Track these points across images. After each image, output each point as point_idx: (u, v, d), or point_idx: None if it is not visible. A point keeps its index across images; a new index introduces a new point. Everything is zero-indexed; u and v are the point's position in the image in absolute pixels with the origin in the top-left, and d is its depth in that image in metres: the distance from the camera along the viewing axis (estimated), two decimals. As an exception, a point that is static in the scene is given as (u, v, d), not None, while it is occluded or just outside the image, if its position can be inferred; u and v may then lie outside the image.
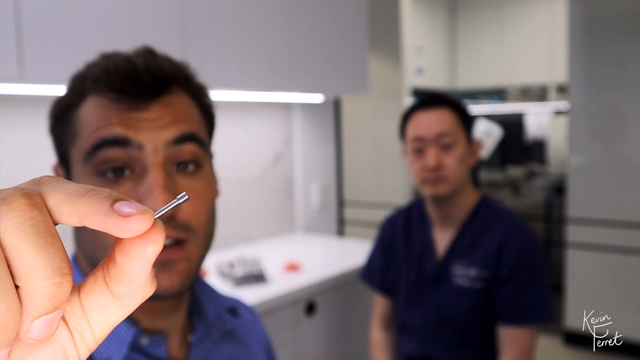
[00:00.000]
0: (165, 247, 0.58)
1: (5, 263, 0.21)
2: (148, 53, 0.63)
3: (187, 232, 0.61)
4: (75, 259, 0.68)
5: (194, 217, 0.61)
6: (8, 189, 0.23)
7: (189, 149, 0.61)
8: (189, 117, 0.63)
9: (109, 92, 0.60)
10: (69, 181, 0.24)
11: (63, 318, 0.24)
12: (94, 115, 0.60)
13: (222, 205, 2.25)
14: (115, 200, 0.23)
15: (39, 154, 1.64)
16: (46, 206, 0.23)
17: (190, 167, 0.62)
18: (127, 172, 0.59)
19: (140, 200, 0.58)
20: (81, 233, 0.63)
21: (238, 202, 2.28)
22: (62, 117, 0.63)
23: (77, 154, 0.61)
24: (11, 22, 1.21)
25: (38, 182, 0.24)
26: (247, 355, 0.76)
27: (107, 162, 0.58)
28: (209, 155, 0.67)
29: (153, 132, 0.59)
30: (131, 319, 0.63)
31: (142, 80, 0.60)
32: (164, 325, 0.66)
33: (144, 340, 0.63)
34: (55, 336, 0.24)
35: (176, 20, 1.54)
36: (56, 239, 0.22)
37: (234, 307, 0.78)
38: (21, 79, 1.23)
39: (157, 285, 0.64)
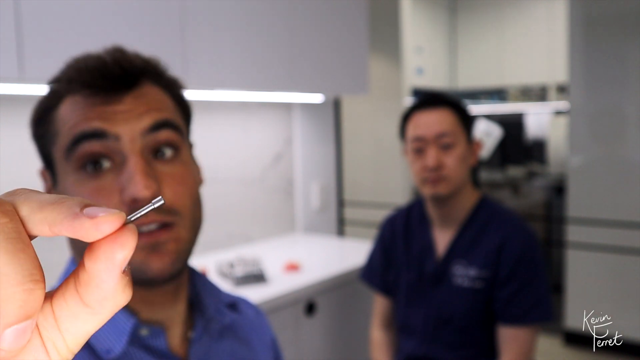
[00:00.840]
0: (152, 230, 0.60)
1: None
2: (117, 50, 0.66)
3: (173, 215, 0.62)
4: (74, 261, 0.69)
5: (177, 201, 0.62)
6: None
7: (165, 135, 0.63)
8: (162, 105, 0.65)
9: (82, 89, 0.62)
10: (43, 192, 0.23)
11: (36, 327, 0.23)
12: (70, 113, 0.62)
13: (222, 205, 2.26)
14: (86, 206, 0.22)
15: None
16: (19, 216, 0.22)
17: (168, 153, 0.63)
18: (106, 164, 0.61)
19: (122, 189, 0.59)
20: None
21: (238, 202, 2.28)
22: (42, 120, 0.65)
23: (58, 152, 0.63)
24: (11, 22, 1.21)
25: (12, 193, 0.23)
26: (248, 352, 0.76)
27: (86, 156, 0.60)
28: (187, 142, 0.68)
29: (128, 123, 0.61)
30: (130, 310, 0.64)
31: (112, 74, 0.62)
32: (163, 316, 0.66)
33: (144, 332, 0.64)
34: (27, 346, 0.23)
35: (176, 20, 1.54)
36: (28, 246, 0.22)
37: (234, 303, 0.79)
38: (21, 79, 1.23)
39: (148, 270, 0.63)
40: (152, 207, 0.25)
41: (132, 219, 0.24)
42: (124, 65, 0.63)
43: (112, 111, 0.61)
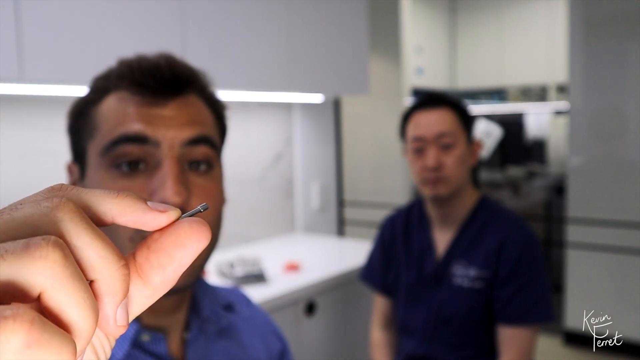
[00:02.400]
0: None
1: (76, 264, 0.22)
2: (170, 56, 0.66)
3: None
4: None
5: (203, 215, 0.62)
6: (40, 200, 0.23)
7: (202, 150, 0.63)
8: (204, 119, 0.65)
9: (131, 87, 0.62)
10: (88, 189, 0.25)
11: None
12: (114, 111, 0.62)
13: (222, 205, 2.26)
14: (144, 201, 0.25)
15: (40, 155, 1.64)
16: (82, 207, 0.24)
17: (203, 167, 0.64)
18: (141, 166, 0.61)
19: (152, 192, 0.60)
20: None
21: (238, 202, 2.28)
22: (82, 113, 0.66)
23: (94, 147, 0.63)
24: (11, 23, 1.21)
25: (59, 189, 0.24)
26: (242, 353, 0.76)
27: (123, 156, 0.61)
28: (220, 160, 0.69)
29: (170, 131, 0.61)
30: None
31: (163, 77, 0.62)
32: (166, 323, 0.67)
33: (145, 337, 0.64)
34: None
35: (176, 20, 1.54)
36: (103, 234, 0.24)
37: (230, 304, 0.79)
38: (21, 79, 1.23)
39: None
40: (198, 211, 0.28)
41: (184, 217, 0.27)
42: (177, 71, 0.63)
43: (156, 115, 0.61)
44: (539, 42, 4.85)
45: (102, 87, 0.65)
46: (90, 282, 0.22)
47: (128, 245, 0.60)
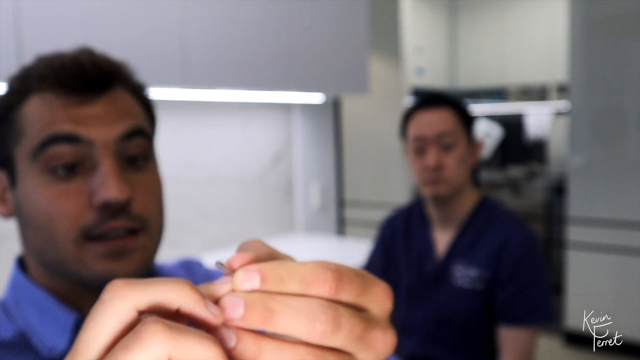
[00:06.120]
0: (120, 237, 0.59)
1: None
2: (90, 51, 0.64)
3: (141, 222, 0.61)
4: (21, 261, 0.67)
5: (146, 209, 0.62)
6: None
7: (138, 143, 0.62)
8: (135, 111, 0.64)
9: (55, 88, 0.60)
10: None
11: None
12: (40, 113, 0.59)
13: (222, 205, 2.25)
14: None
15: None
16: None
17: (140, 162, 0.63)
18: (77, 168, 0.59)
19: (92, 193, 0.58)
20: (27, 231, 0.62)
21: (238, 202, 2.28)
22: (3, 118, 0.62)
23: (22, 152, 0.60)
24: (10, 22, 1.21)
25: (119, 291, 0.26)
26: None
27: (56, 159, 0.58)
28: (154, 150, 0.68)
29: (102, 128, 0.60)
30: (74, 307, 0.62)
31: (88, 75, 0.60)
32: None
33: None
34: None
35: (176, 19, 1.54)
36: None
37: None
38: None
39: (113, 277, 0.62)
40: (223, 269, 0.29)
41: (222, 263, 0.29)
42: (101, 67, 0.61)
43: (86, 114, 0.59)
44: (539, 42, 4.85)
45: (21, 88, 0.62)
46: None
47: (71, 247, 0.58)
